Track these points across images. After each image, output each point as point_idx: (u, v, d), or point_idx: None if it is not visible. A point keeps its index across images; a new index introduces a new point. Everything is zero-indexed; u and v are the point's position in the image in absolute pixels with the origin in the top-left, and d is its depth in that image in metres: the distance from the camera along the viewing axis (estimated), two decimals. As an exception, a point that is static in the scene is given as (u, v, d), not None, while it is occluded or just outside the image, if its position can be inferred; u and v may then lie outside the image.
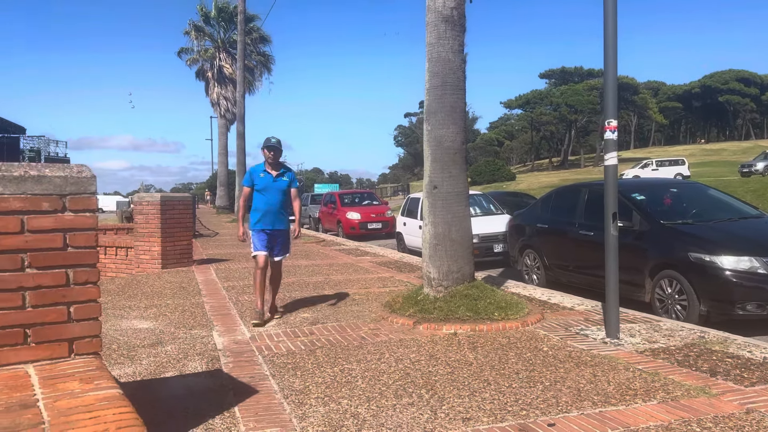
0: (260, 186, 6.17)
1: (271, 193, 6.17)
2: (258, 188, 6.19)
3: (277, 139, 6.25)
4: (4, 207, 2.41)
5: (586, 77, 74.75)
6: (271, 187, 6.18)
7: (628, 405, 3.72)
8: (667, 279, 6.53)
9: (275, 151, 6.21)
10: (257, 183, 6.19)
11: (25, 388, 2.20)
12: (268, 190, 6.17)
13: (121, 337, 5.64)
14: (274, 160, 6.21)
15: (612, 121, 5.36)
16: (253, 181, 6.22)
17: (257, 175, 6.21)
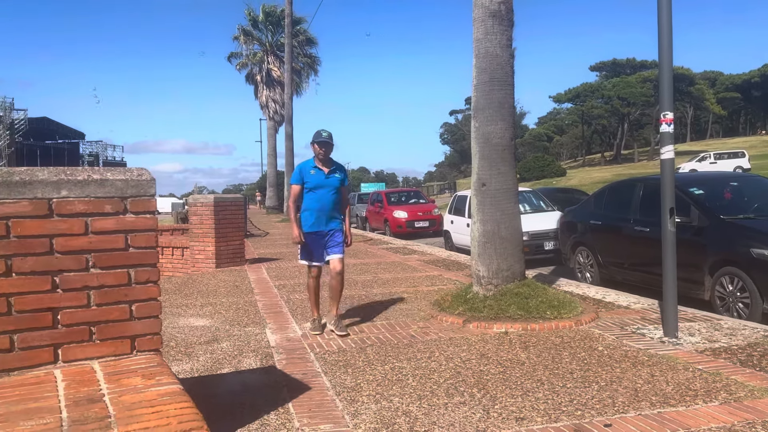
0: (311, 184, 5.65)
1: (324, 192, 5.65)
2: (309, 186, 5.66)
3: (328, 133, 5.66)
4: (70, 209, 2.52)
5: (639, 69, 72.62)
6: (324, 184, 5.65)
7: (688, 406, 3.61)
8: (727, 276, 6.30)
9: (326, 146, 5.63)
10: (308, 181, 5.65)
11: (91, 383, 2.30)
12: (320, 187, 5.64)
13: (179, 334, 5.81)
14: (325, 156, 5.65)
15: (668, 113, 5.20)
16: (303, 179, 5.67)
17: (307, 172, 5.66)
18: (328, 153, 5.68)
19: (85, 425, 1.88)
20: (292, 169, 33.79)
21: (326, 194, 5.67)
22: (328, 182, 5.68)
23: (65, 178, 2.51)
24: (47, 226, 2.47)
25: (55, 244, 2.48)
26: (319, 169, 5.67)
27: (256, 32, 39.73)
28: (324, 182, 5.66)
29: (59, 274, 2.49)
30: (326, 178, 5.67)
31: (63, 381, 2.31)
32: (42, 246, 2.46)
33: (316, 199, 5.65)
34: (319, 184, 5.65)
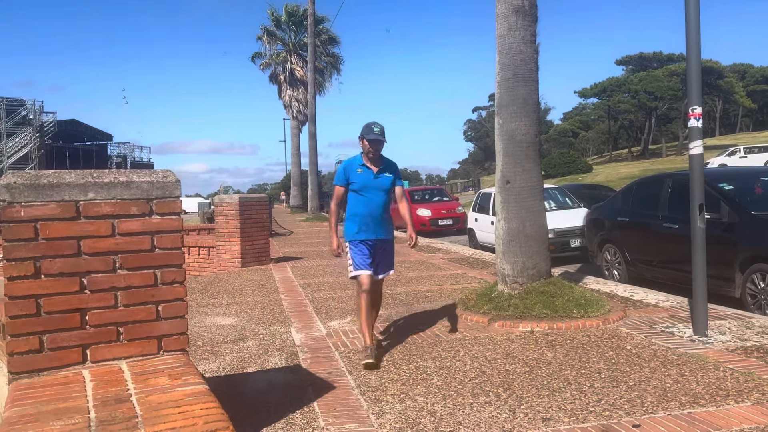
0: (358, 185, 4.86)
1: (373, 194, 4.87)
2: (355, 187, 4.88)
3: (380, 127, 4.86)
4: (96, 212, 2.55)
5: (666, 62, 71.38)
6: (372, 185, 4.87)
7: (719, 406, 3.53)
8: (759, 273, 6.15)
9: (378, 144, 4.85)
10: (354, 181, 4.88)
11: (119, 383, 2.33)
12: (369, 189, 4.87)
13: (205, 333, 5.87)
14: (375, 154, 4.89)
15: (696, 108, 5.10)
16: (348, 179, 4.90)
17: (353, 171, 4.90)
18: (379, 151, 4.91)
19: (112, 425, 1.90)
20: (316, 167, 34.07)
21: (375, 197, 4.88)
22: (378, 183, 4.90)
23: (92, 180, 2.55)
24: (75, 228, 2.51)
25: (82, 246, 2.52)
26: (367, 167, 4.90)
27: (279, 32, 39.98)
28: (372, 183, 4.89)
29: (87, 276, 2.52)
30: (375, 178, 4.89)
31: (91, 381, 2.34)
32: (70, 248, 2.50)
33: (363, 203, 4.87)
34: (366, 185, 4.87)
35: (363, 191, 4.88)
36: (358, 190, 4.89)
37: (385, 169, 4.97)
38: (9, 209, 2.40)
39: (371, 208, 4.87)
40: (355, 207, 4.91)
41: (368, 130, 4.86)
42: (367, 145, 4.87)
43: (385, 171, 4.96)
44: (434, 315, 6.27)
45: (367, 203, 4.87)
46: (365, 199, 4.88)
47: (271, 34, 39.50)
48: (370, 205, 4.87)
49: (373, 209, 4.87)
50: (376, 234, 4.87)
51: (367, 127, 4.90)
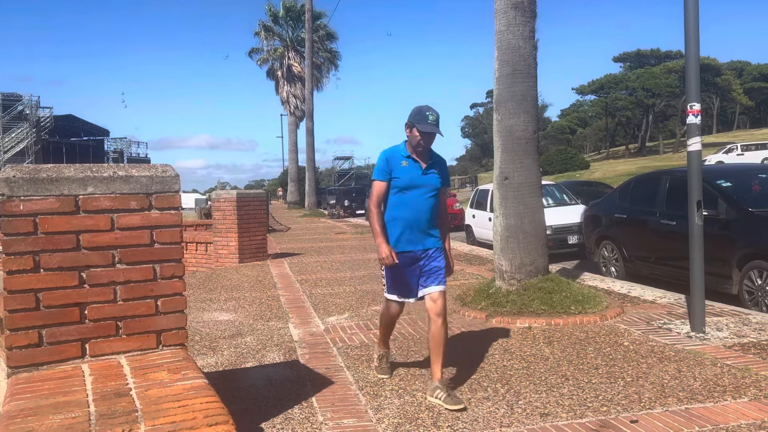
0: (404, 181, 3.90)
1: (419, 194, 3.91)
2: (399, 184, 3.91)
3: (436, 116, 3.89)
4: (96, 206, 2.55)
5: (664, 59, 71.45)
6: (420, 183, 3.92)
7: (716, 402, 3.55)
8: (756, 270, 6.17)
9: (431, 139, 3.92)
10: (398, 176, 3.91)
11: (118, 377, 2.33)
12: (415, 188, 3.91)
13: (203, 328, 5.87)
14: (425, 148, 3.93)
15: (695, 104, 5.10)
16: (392, 172, 3.93)
17: (397, 164, 3.93)
18: (430, 144, 3.96)
19: (112, 419, 1.90)
20: (314, 164, 34.07)
21: (422, 198, 3.93)
22: (426, 181, 3.95)
23: (91, 174, 2.54)
24: (74, 223, 2.50)
25: (81, 240, 2.51)
26: (414, 161, 3.94)
27: (276, 28, 39.88)
28: (420, 180, 3.93)
29: (86, 270, 2.52)
30: (423, 175, 3.94)
31: (90, 375, 2.34)
32: (69, 242, 2.49)
33: (408, 205, 3.91)
34: (413, 183, 3.91)
35: (408, 190, 3.91)
36: (403, 187, 3.91)
37: (434, 164, 4.00)
38: (8, 203, 2.40)
39: (418, 212, 3.90)
40: (398, 209, 3.92)
41: (421, 117, 3.87)
42: (417, 137, 3.86)
43: (435, 167, 4.00)
44: (432, 311, 6.27)
45: (413, 205, 3.90)
46: (411, 199, 3.90)
47: (268, 29, 39.40)
48: (417, 208, 3.90)
49: (421, 213, 3.91)
50: (423, 244, 3.93)
51: (420, 113, 3.89)
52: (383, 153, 4.01)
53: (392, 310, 4.14)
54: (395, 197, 3.95)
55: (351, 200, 30.79)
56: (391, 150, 4.03)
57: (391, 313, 4.15)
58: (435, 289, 3.89)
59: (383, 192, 3.96)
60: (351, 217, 27.22)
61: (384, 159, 3.97)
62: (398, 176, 3.91)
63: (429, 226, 3.97)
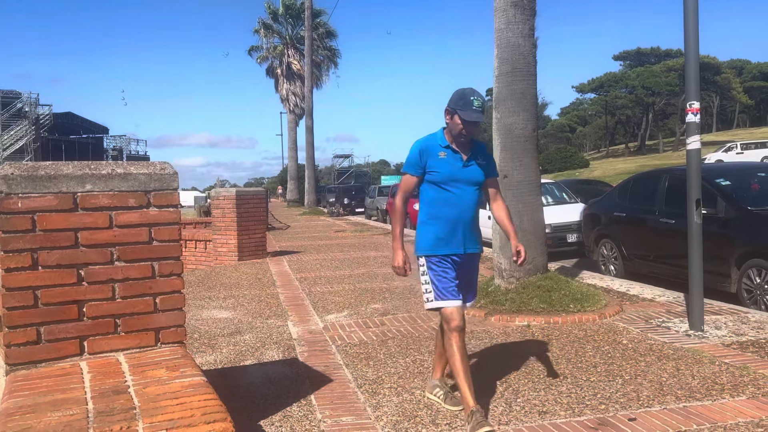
0: (442, 175, 3.41)
1: (462, 189, 3.44)
2: (437, 179, 3.42)
3: (481, 100, 3.39)
4: (94, 203, 2.55)
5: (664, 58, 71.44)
6: (462, 177, 3.44)
7: (714, 400, 3.55)
8: (755, 268, 6.18)
9: (474, 128, 3.42)
10: (436, 169, 3.42)
11: (116, 374, 2.33)
12: (457, 182, 3.43)
13: (202, 326, 5.87)
14: (467, 137, 3.44)
15: (694, 103, 5.10)
16: (426, 165, 3.44)
17: (434, 155, 3.44)
18: (473, 134, 3.47)
19: (110, 416, 1.90)
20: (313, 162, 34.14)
21: (465, 194, 3.44)
22: (468, 174, 3.45)
23: (89, 172, 2.54)
24: (72, 220, 2.50)
25: (80, 238, 2.51)
26: (454, 151, 3.46)
27: (276, 25, 39.86)
28: (461, 174, 3.44)
29: (84, 267, 2.52)
30: (464, 168, 3.45)
31: (89, 373, 2.34)
32: (67, 239, 2.49)
33: (449, 202, 3.43)
34: (453, 177, 3.42)
35: (448, 184, 3.42)
36: (442, 182, 3.42)
37: (476, 154, 3.50)
38: (6, 200, 2.40)
39: (461, 210, 3.43)
40: (437, 207, 3.45)
41: (465, 103, 3.36)
42: (459, 125, 3.37)
43: (477, 157, 3.49)
44: (431, 309, 6.27)
45: (455, 202, 3.43)
46: (452, 196, 3.43)
47: (268, 27, 39.38)
48: (459, 205, 3.43)
49: (463, 211, 3.44)
50: (465, 247, 3.46)
51: (463, 98, 3.38)
52: (417, 143, 3.49)
53: (452, 323, 3.33)
54: (433, 193, 3.46)
55: (350, 198, 30.81)
56: (426, 140, 3.49)
57: (453, 326, 3.32)
58: (469, 303, 3.64)
59: (411, 188, 3.52)
60: (350, 215, 27.22)
61: (417, 151, 3.44)
62: (436, 170, 3.41)
63: (472, 226, 3.49)
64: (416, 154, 3.47)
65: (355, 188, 33.77)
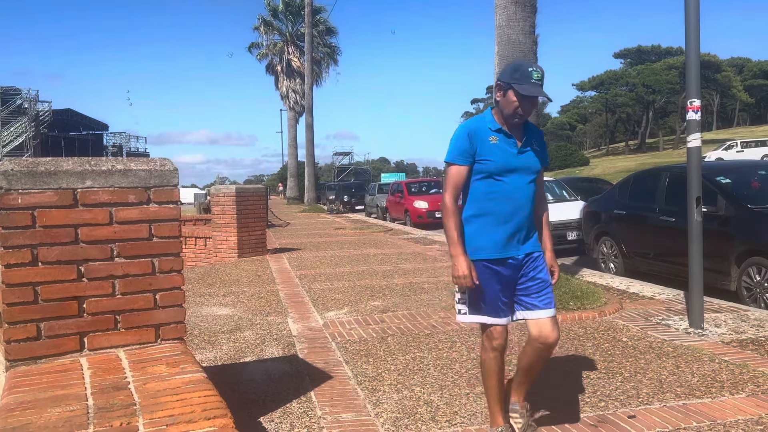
0: (494, 164, 2.87)
1: (517, 181, 2.91)
2: (488, 168, 2.88)
3: (541, 73, 2.84)
4: (94, 199, 2.54)
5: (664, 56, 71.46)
6: (517, 166, 2.90)
7: (714, 398, 3.55)
8: (755, 266, 6.18)
9: (533, 104, 2.89)
10: (487, 157, 2.87)
11: (116, 371, 2.33)
12: (512, 172, 2.90)
13: (202, 323, 5.87)
14: (524, 117, 2.90)
15: (695, 101, 5.10)
16: (476, 153, 2.88)
17: (484, 140, 2.89)
18: (531, 113, 2.93)
19: (110, 412, 1.90)
20: (313, 159, 34.20)
21: (521, 185, 2.91)
22: (525, 162, 2.93)
23: (89, 168, 2.54)
24: (72, 216, 2.50)
25: (80, 234, 2.51)
26: (507, 135, 2.91)
27: (276, 22, 39.81)
28: (517, 162, 2.90)
29: (84, 264, 2.52)
30: (520, 154, 2.92)
31: (89, 369, 2.34)
32: (67, 235, 2.49)
33: (504, 195, 2.89)
34: (507, 166, 2.88)
35: (502, 175, 2.88)
36: (495, 172, 2.87)
37: (532, 140, 2.97)
38: (6, 196, 2.39)
39: (517, 204, 2.90)
40: (488, 202, 2.90)
41: (522, 75, 2.82)
42: (514, 103, 2.82)
43: (533, 143, 2.97)
44: (431, 306, 6.28)
45: (510, 195, 2.89)
46: (506, 188, 2.89)
47: (268, 24, 39.32)
48: (515, 199, 2.89)
49: (520, 206, 2.90)
50: (523, 248, 2.94)
51: (520, 69, 2.85)
52: (464, 126, 2.95)
53: (493, 341, 2.91)
54: (484, 185, 2.90)
55: (350, 196, 30.83)
56: (474, 122, 2.96)
57: (495, 345, 2.91)
58: (544, 314, 2.88)
59: (463, 180, 2.90)
60: (350, 213, 27.22)
61: (465, 134, 2.88)
62: (487, 157, 2.86)
63: (530, 222, 2.97)
64: (464, 139, 2.88)
65: (354, 186, 33.79)
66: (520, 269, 2.93)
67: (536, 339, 2.90)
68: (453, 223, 2.87)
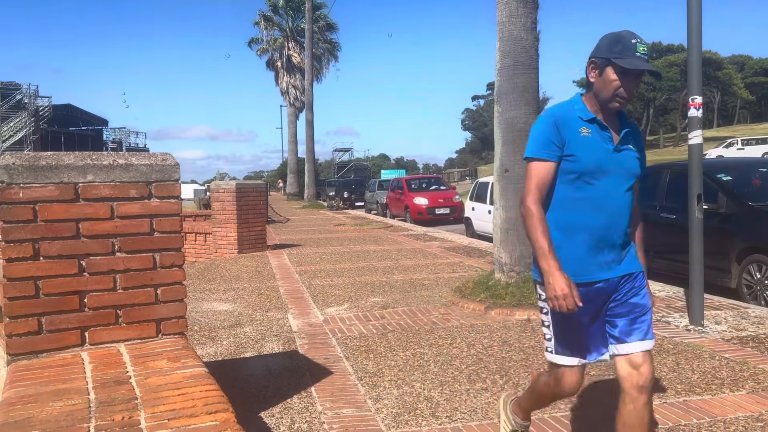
0: (586, 163, 2.32)
1: (614, 184, 2.37)
2: (578, 168, 2.32)
3: (646, 45, 2.29)
4: (95, 194, 2.54)
5: (665, 53, 71.34)
6: (613, 167, 2.36)
7: (714, 394, 3.56)
8: (755, 264, 6.18)
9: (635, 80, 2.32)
10: (576, 153, 2.32)
11: (118, 365, 2.33)
12: (607, 174, 2.35)
13: (202, 318, 5.87)
14: (625, 102, 2.33)
15: (696, 98, 5.09)
16: (564, 147, 2.32)
17: (574, 132, 2.34)
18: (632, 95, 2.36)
19: (112, 406, 1.90)
20: (313, 155, 34.29)
21: (618, 191, 2.37)
22: (623, 162, 2.38)
23: (91, 162, 2.53)
24: (73, 211, 2.50)
25: (81, 228, 2.51)
26: (602, 126, 2.36)
27: (276, 18, 39.72)
28: (613, 162, 2.35)
29: (86, 258, 2.52)
30: (617, 152, 2.36)
31: (90, 363, 2.34)
32: (68, 230, 2.49)
33: (597, 203, 2.34)
34: (601, 166, 2.33)
35: (595, 177, 2.31)
36: (585, 173, 2.31)
37: (629, 135, 2.41)
38: (8, 190, 2.39)
39: (613, 215, 2.34)
40: (574, 211, 2.33)
41: (624, 47, 2.25)
42: (614, 82, 2.27)
43: (631, 140, 2.41)
44: (431, 302, 6.28)
45: (605, 203, 2.32)
46: (600, 193, 2.32)
47: (268, 19, 39.25)
48: (610, 209, 2.34)
49: (617, 216, 2.36)
50: (620, 268, 2.38)
51: (621, 41, 2.27)
52: (549, 113, 2.37)
53: (567, 383, 2.39)
54: (569, 190, 2.33)
55: (350, 192, 30.84)
56: (561, 109, 2.38)
57: (565, 387, 2.41)
58: (640, 346, 2.31)
59: (549, 179, 2.32)
60: (350, 209, 27.22)
61: (552, 122, 2.32)
62: (576, 153, 2.29)
63: (627, 237, 2.43)
64: (551, 128, 2.31)
65: (354, 182, 33.80)
66: (616, 294, 2.36)
67: (628, 378, 2.28)
68: (541, 231, 2.27)
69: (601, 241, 2.34)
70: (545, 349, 2.46)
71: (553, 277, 2.21)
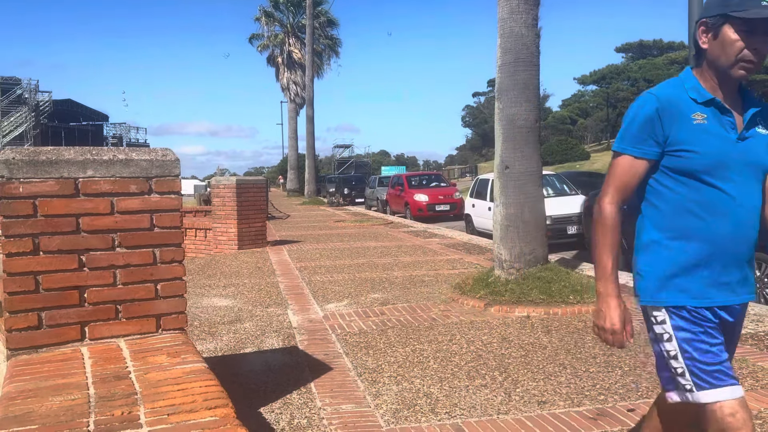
0: (701, 158, 1.78)
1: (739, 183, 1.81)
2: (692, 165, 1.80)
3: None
4: (95, 189, 2.54)
5: (666, 50, 71.26)
6: (738, 160, 1.80)
7: (713, 392, 3.56)
8: (755, 262, 6.19)
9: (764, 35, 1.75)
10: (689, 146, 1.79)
11: (117, 360, 2.33)
12: (729, 170, 1.80)
13: (202, 314, 5.88)
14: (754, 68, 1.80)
15: (697, 95, 5.08)
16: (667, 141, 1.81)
17: (685, 119, 1.80)
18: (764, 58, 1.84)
19: (111, 401, 1.90)
20: (314, 151, 34.39)
21: (744, 193, 1.84)
22: (750, 155, 1.84)
23: (91, 157, 2.53)
24: (73, 206, 2.50)
25: (81, 224, 2.51)
26: (721, 110, 1.84)
27: (277, 13, 39.67)
28: (739, 155, 1.83)
29: (86, 253, 2.52)
30: (741, 140, 1.83)
31: (90, 358, 2.35)
32: (69, 225, 2.49)
33: (715, 208, 1.83)
34: (722, 160, 1.81)
35: (714, 175, 1.82)
36: (702, 171, 1.83)
37: (758, 117, 1.90)
38: (8, 185, 2.39)
39: (738, 222, 1.85)
40: (690, 217, 1.86)
41: None
42: (737, 43, 1.78)
43: (758, 121, 1.90)
44: (431, 299, 6.29)
45: (727, 208, 1.84)
46: (721, 197, 1.83)
47: (269, 15, 39.20)
48: (735, 214, 1.84)
49: (743, 224, 1.86)
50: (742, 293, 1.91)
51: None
52: (650, 96, 1.87)
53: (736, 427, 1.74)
54: (684, 191, 1.86)
55: (350, 188, 30.82)
56: (667, 88, 1.89)
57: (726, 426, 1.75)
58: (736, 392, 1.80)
59: (637, 180, 1.92)
60: (350, 206, 27.22)
61: (652, 110, 1.84)
62: (690, 147, 1.82)
63: (751, 254, 1.92)
64: (650, 117, 1.84)
65: (355, 178, 33.77)
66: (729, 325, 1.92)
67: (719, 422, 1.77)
68: (609, 244, 1.90)
69: (724, 256, 1.84)
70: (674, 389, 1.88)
71: (607, 306, 1.89)
